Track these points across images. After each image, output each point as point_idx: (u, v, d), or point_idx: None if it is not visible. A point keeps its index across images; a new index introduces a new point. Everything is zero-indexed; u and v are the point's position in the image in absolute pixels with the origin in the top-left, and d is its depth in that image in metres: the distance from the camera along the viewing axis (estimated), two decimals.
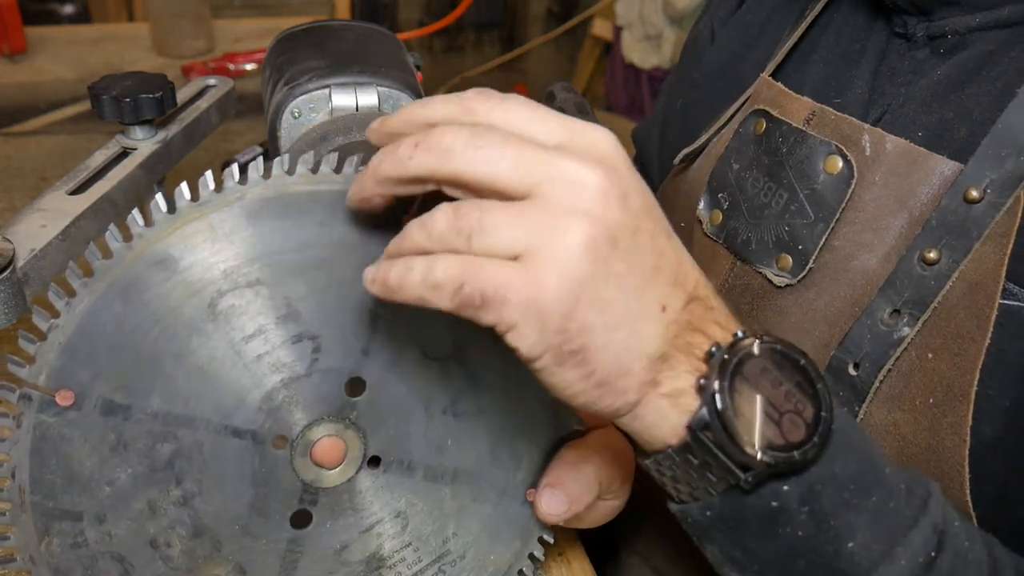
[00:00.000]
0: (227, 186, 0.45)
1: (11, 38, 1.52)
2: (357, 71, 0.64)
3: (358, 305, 0.47)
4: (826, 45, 0.68)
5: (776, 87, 0.67)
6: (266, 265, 0.46)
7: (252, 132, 1.32)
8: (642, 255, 0.40)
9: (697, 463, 0.42)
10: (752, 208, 0.66)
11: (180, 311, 0.45)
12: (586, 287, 0.38)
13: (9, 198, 1.12)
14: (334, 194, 0.46)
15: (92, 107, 0.72)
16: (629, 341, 0.40)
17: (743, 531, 0.44)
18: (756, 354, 0.42)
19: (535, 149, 0.39)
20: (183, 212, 0.44)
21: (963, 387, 0.54)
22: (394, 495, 0.52)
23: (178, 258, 0.44)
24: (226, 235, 0.45)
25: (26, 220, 0.62)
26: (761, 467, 0.41)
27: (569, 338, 0.39)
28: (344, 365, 0.48)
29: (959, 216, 0.55)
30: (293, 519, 0.50)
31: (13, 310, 0.57)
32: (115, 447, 0.45)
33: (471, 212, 0.39)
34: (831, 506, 0.43)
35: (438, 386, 0.50)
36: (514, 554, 0.55)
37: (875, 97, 0.64)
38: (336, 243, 0.47)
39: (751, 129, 0.68)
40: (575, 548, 0.68)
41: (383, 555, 0.52)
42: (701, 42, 0.83)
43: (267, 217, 0.45)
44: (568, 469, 0.53)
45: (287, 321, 0.46)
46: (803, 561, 0.44)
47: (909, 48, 0.63)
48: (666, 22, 3.18)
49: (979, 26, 0.59)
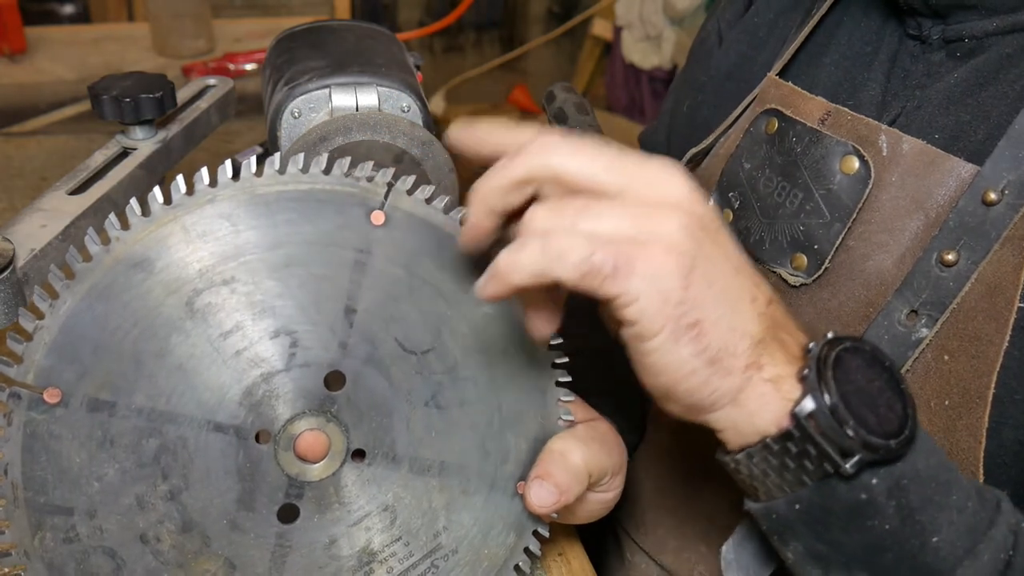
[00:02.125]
0: (198, 189, 0.47)
1: (11, 38, 1.52)
2: (357, 71, 0.64)
3: (333, 300, 0.49)
4: (837, 47, 0.68)
5: (786, 86, 0.67)
6: (240, 263, 0.47)
7: (252, 132, 1.32)
8: (728, 247, 0.44)
9: (795, 452, 0.43)
10: (765, 207, 0.66)
11: (159, 310, 0.46)
12: (696, 263, 0.41)
13: (9, 198, 1.12)
14: (302, 193, 0.48)
15: (92, 107, 0.72)
16: (735, 319, 0.43)
17: (831, 524, 0.45)
18: (850, 350, 0.44)
19: (624, 155, 0.42)
20: (157, 215, 0.46)
21: (980, 389, 0.54)
22: (381, 488, 0.52)
23: (154, 259, 0.46)
24: (199, 235, 0.47)
25: (26, 220, 0.62)
26: (863, 453, 0.42)
27: (686, 311, 0.41)
28: (323, 359, 0.49)
29: (977, 218, 0.55)
30: (280, 513, 0.50)
31: (13, 310, 0.57)
32: (102, 443, 0.46)
33: (572, 202, 0.42)
34: (917, 501, 0.45)
35: (418, 378, 0.51)
36: (508, 548, 0.55)
37: (888, 99, 0.64)
38: (308, 240, 0.48)
39: (763, 128, 0.68)
40: (575, 548, 0.68)
41: (373, 549, 0.53)
42: (708, 45, 0.83)
43: (238, 217, 0.47)
44: (557, 460, 0.53)
45: (264, 317, 0.48)
46: (890, 555, 0.45)
47: (923, 51, 0.63)
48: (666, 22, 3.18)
49: (996, 30, 0.59)
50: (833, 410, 0.42)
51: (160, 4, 1.58)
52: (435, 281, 0.51)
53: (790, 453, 0.44)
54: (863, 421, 0.42)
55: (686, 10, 3.08)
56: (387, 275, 0.50)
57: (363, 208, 0.49)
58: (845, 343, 0.45)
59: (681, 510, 0.73)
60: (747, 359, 0.43)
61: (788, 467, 0.44)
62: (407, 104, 0.64)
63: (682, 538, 0.73)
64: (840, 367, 0.43)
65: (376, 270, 0.50)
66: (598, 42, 3.75)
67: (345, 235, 0.49)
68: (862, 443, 0.42)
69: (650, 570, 0.76)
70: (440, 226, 0.51)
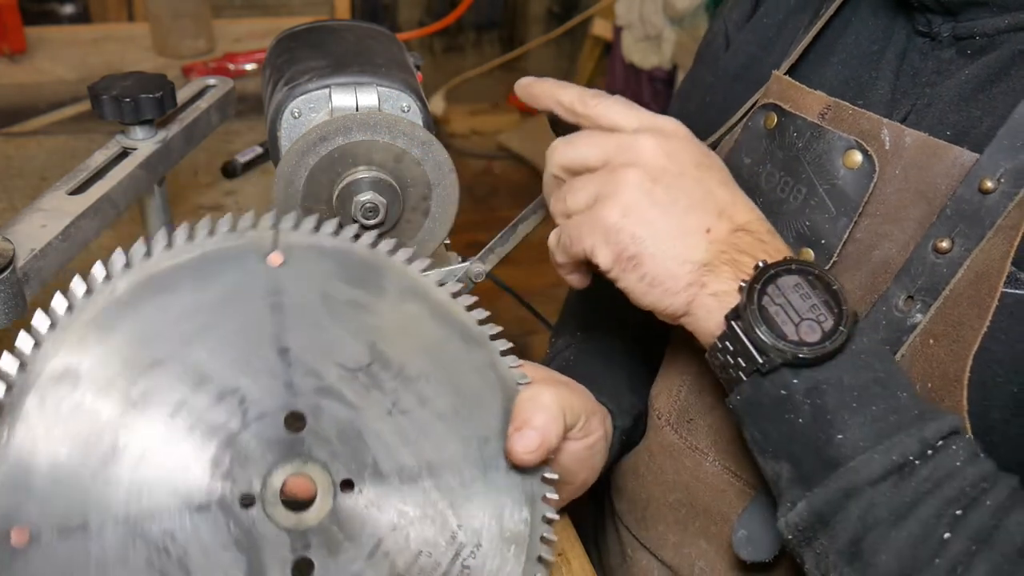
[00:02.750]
0: (96, 286, 0.47)
1: (11, 38, 1.52)
2: (357, 71, 0.64)
3: (263, 347, 0.50)
4: (844, 47, 0.68)
5: (785, 80, 0.67)
6: (160, 344, 0.48)
7: (252, 132, 1.32)
8: (684, 190, 0.54)
9: (732, 350, 0.53)
10: (768, 203, 0.66)
11: (98, 414, 0.46)
12: (633, 209, 0.54)
13: (9, 198, 1.12)
14: (195, 260, 0.49)
15: (92, 107, 0.72)
16: (675, 250, 0.53)
17: (760, 415, 0.54)
18: (793, 271, 0.52)
19: (610, 136, 0.57)
20: (64, 324, 0.46)
21: (956, 373, 0.55)
22: (381, 510, 0.51)
23: (76, 367, 0.46)
24: (111, 330, 0.47)
25: (26, 220, 0.62)
26: (773, 354, 0.50)
27: (625, 247, 0.54)
28: (275, 405, 0.49)
29: (973, 206, 0.55)
30: (295, 571, 0.49)
31: (13, 310, 0.57)
32: (86, 567, 0.45)
33: (565, 186, 0.58)
34: (831, 404, 0.51)
35: (372, 393, 0.52)
36: (527, 523, 0.55)
37: (898, 97, 0.64)
38: (217, 302, 0.49)
39: (761, 123, 0.68)
40: (575, 548, 0.68)
41: (399, 571, 0.52)
42: (715, 46, 0.83)
43: (143, 301, 0.48)
44: (528, 406, 0.55)
45: (203, 386, 0.48)
46: (798, 445, 0.52)
47: (933, 48, 0.63)
48: (666, 22, 3.18)
49: (1008, 27, 0.59)
50: (751, 316, 0.51)
51: (160, 4, 1.58)
52: (351, 298, 0.52)
53: (730, 351, 0.53)
54: (774, 327, 0.51)
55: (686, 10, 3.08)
56: (305, 307, 0.51)
57: (258, 255, 0.50)
58: (790, 265, 0.52)
59: (681, 506, 0.73)
60: (688, 279, 0.53)
61: (732, 363, 0.53)
62: (407, 104, 0.64)
63: (682, 534, 0.73)
64: (774, 283, 0.52)
65: (293, 306, 0.51)
66: (598, 42, 3.75)
67: (250, 285, 0.50)
68: (773, 346, 0.50)
69: (651, 566, 0.76)
70: (337, 248, 0.52)
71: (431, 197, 0.66)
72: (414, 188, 0.65)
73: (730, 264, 0.53)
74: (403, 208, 0.65)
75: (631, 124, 0.57)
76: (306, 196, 0.63)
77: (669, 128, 0.57)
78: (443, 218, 0.67)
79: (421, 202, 0.66)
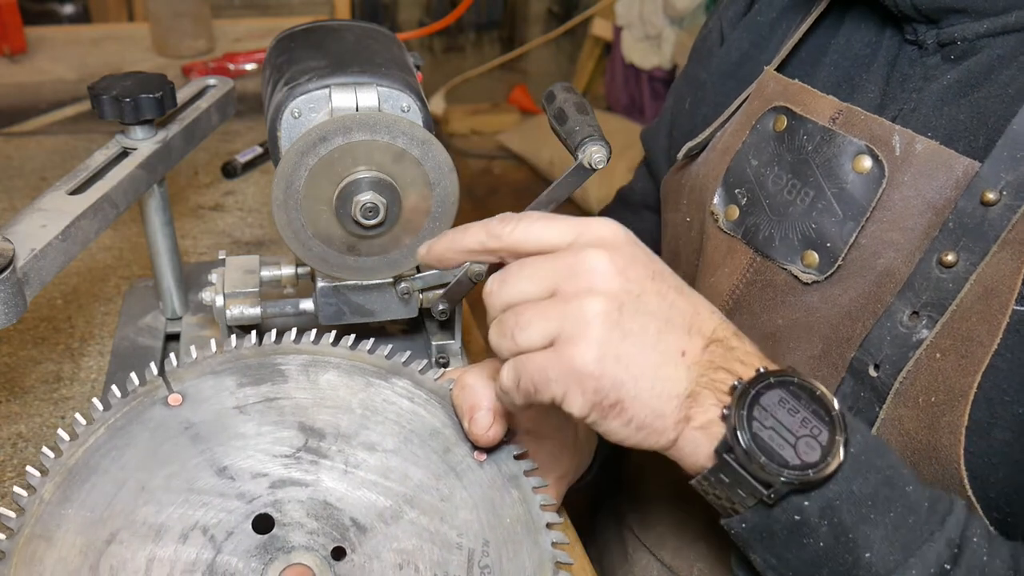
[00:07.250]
0: (24, 503, 0.48)
1: (11, 38, 1.52)
2: (357, 71, 0.64)
3: (201, 477, 0.52)
4: (836, 48, 0.69)
5: (794, 84, 0.68)
6: (106, 522, 0.49)
7: (252, 132, 1.32)
8: (650, 313, 0.49)
9: (729, 482, 0.49)
10: (775, 205, 0.66)
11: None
12: (607, 348, 0.47)
13: (9, 198, 1.12)
14: (101, 438, 0.52)
15: (92, 107, 0.72)
16: (657, 387, 0.48)
17: (774, 541, 0.50)
18: (774, 385, 0.49)
19: (548, 261, 0.50)
20: (7, 548, 0.47)
21: (963, 388, 0.55)
22: (381, 558, 0.51)
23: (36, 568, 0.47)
24: (52, 536, 0.48)
25: (26, 220, 0.62)
26: (779, 484, 0.47)
27: (606, 394, 0.47)
28: (238, 518, 0.50)
29: (975, 218, 0.55)
30: None
31: (13, 310, 0.57)
32: None
33: (508, 318, 0.50)
34: (850, 520, 0.48)
35: (321, 464, 0.54)
36: (523, 504, 0.55)
37: (887, 101, 0.64)
38: (138, 461, 0.51)
39: (770, 126, 0.68)
40: (575, 548, 0.68)
41: None
42: (709, 44, 0.84)
43: (73, 494, 0.49)
44: (462, 396, 0.56)
45: (163, 536, 0.49)
46: (826, 569, 0.49)
47: (920, 55, 0.63)
48: (666, 22, 3.18)
49: (987, 32, 0.60)
50: (747, 448, 0.47)
51: (160, 4, 1.58)
52: (261, 396, 0.56)
53: (724, 483, 0.49)
54: (774, 455, 0.47)
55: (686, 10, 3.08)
56: (219, 423, 0.54)
57: (159, 404, 0.54)
58: (768, 379, 0.49)
59: (681, 508, 0.73)
60: (675, 417, 0.49)
61: (728, 494, 0.50)
62: (407, 104, 0.64)
63: (681, 536, 0.73)
64: (758, 404, 0.48)
65: (211, 430, 0.54)
66: (598, 42, 3.75)
67: (164, 432, 0.53)
68: (777, 475, 0.47)
69: (651, 566, 0.77)
70: (226, 364, 0.56)
71: (431, 197, 0.66)
72: (414, 188, 0.65)
73: (709, 388, 0.49)
74: (403, 208, 0.65)
75: (564, 238, 0.50)
76: (306, 196, 0.63)
77: (609, 236, 0.50)
78: (443, 218, 0.67)
79: (421, 202, 0.66)
